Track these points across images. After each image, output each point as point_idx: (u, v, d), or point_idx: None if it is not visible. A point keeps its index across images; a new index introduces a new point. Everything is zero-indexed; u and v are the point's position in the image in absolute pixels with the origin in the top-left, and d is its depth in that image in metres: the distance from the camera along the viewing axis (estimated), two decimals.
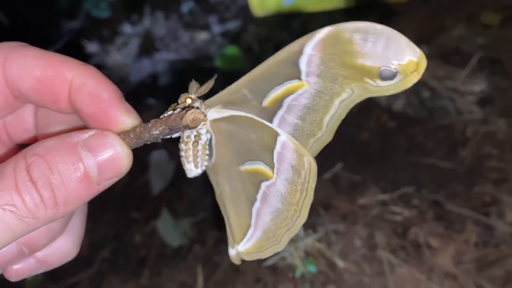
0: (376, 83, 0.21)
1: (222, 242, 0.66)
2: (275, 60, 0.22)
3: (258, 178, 0.23)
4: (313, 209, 0.61)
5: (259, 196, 0.24)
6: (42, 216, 0.19)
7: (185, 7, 1.11)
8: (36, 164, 0.19)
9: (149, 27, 1.15)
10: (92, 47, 1.17)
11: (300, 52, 0.21)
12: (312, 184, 0.23)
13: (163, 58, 1.07)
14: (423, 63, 0.20)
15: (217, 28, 1.05)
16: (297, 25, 0.94)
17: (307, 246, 0.58)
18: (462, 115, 0.65)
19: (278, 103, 0.22)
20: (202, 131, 0.23)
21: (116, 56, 1.12)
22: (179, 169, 0.80)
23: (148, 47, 1.10)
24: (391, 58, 0.20)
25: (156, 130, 0.21)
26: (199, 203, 0.73)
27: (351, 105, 0.22)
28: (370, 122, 0.70)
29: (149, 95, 1.00)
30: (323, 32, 0.20)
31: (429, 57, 0.68)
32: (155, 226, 0.72)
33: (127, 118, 0.21)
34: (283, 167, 0.23)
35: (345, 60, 0.21)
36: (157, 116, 0.22)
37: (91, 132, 0.21)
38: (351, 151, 0.67)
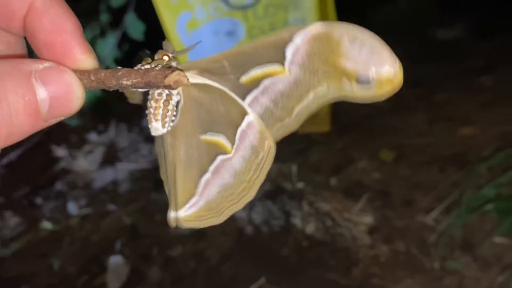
0: (351, 85, 0.21)
1: None
2: (264, 41, 0.22)
3: (216, 151, 0.24)
4: None
5: (211, 168, 0.24)
6: None
7: (146, 122, 1.28)
8: None
9: (113, 137, 1.29)
10: (60, 151, 1.28)
11: (289, 40, 0.22)
12: (267, 167, 0.24)
13: (124, 168, 1.20)
14: (400, 77, 0.21)
15: None
16: None
17: None
18: (356, 241, 0.84)
19: (256, 83, 0.23)
20: (174, 92, 0.22)
21: (82, 162, 1.23)
22: (133, 272, 0.95)
23: (111, 156, 1.23)
24: (371, 65, 0.21)
25: (128, 81, 0.20)
26: None
27: (324, 101, 0.23)
28: (290, 240, 0.89)
29: (110, 202, 1.13)
30: (316, 27, 0.21)
31: (335, 190, 0.92)
32: None
33: (86, 57, 0.20)
34: (243, 145, 0.23)
35: (330, 57, 0.21)
36: None
37: (46, 64, 0.19)
38: (274, 265, 0.85)
